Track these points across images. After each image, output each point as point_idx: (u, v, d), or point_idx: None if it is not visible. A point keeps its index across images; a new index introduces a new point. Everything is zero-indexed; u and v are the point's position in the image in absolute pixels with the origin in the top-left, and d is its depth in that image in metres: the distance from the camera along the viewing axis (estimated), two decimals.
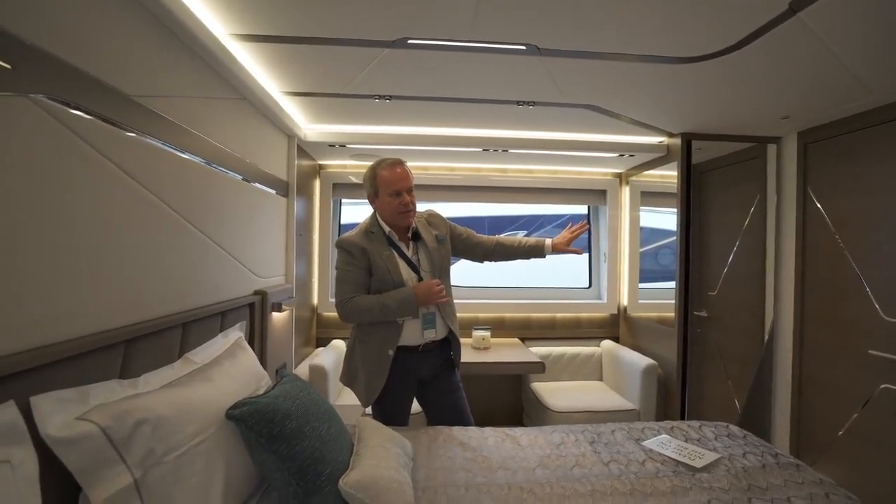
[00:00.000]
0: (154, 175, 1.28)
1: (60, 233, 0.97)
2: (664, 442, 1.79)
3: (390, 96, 2.15)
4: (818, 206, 2.41)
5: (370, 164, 1.86)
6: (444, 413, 1.96)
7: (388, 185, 1.79)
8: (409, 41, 1.61)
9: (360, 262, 1.80)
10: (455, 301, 2.00)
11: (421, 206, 1.94)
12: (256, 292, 2.04)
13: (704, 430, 1.92)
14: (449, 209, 3.75)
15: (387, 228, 1.85)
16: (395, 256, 1.83)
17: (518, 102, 2.21)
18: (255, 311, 1.99)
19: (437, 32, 1.54)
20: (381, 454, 1.39)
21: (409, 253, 1.87)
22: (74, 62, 0.99)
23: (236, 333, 1.75)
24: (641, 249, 3.43)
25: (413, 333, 1.84)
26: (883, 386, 2.04)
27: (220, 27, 1.52)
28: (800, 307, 2.49)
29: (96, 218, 1.07)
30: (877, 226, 2.11)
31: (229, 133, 1.82)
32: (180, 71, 1.45)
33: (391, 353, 1.80)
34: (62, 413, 0.88)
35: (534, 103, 2.21)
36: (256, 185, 2.10)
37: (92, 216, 1.06)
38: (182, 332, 1.42)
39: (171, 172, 1.38)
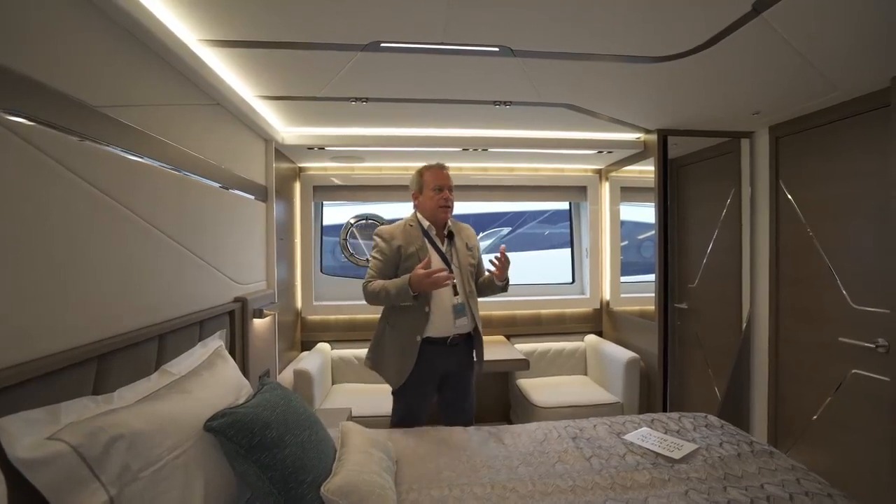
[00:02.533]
0: (124, 186, 1.26)
1: (25, 250, 0.95)
2: (645, 435, 1.83)
3: (367, 98, 2.14)
4: (789, 198, 2.47)
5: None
6: (454, 412, 2.10)
7: (432, 181, 2.02)
8: (382, 44, 1.60)
9: (388, 251, 1.99)
10: None
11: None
12: (236, 299, 2.03)
13: (684, 421, 1.97)
14: None
15: (426, 223, 2.05)
16: (427, 247, 2.01)
17: (495, 102, 2.22)
18: (235, 318, 1.97)
19: (408, 36, 1.54)
20: (363, 459, 1.40)
21: (443, 248, 2.05)
22: (34, 75, 0.97)
23: (216, 342, 1.73)
24: (625, 243, 3.47)
25: (442, 324, 1.97)
26: (853, 371, 2.10)
27: (189, 33, 1.49)
28: (774, 297, 2.56)
29: (62, 232, 1.05)
30: (843, 217, 2.17)
31: (204, 140, 1.79)
32: (150, 79, 1.43)
33: (419, 339, 1.94)
34: (31, 434, 0.87)
35: (510, 103, 2.22)
36: (234, 191, 2.08)
37: (57, 231, 1.04)
38: (158, 344, 1.40)
39: (142, 183, 1.36)
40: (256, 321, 2.17)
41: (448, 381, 2.06)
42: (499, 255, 2.00)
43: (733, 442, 1.75)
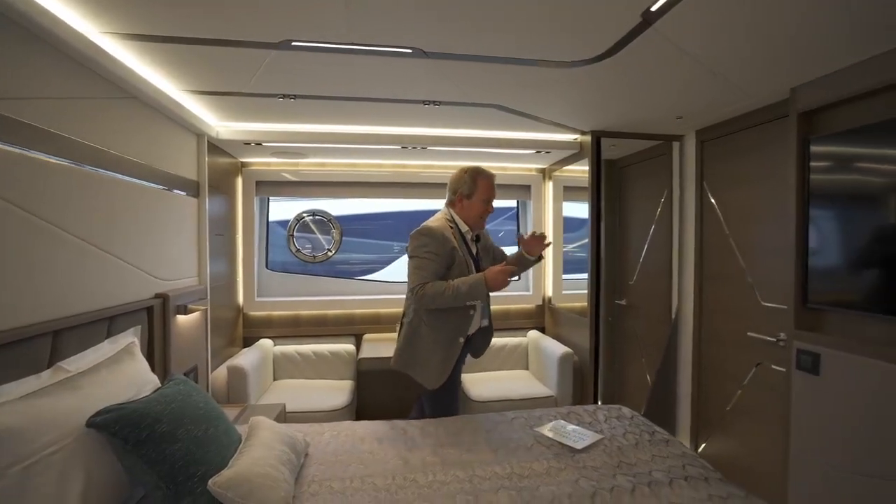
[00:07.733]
0: (10, 182, 1.24)
1: None
2: (556, 427, 1.90)
3: (294, 95, 2.14)
4: (712, 200, 2.59)
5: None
6: None
7: (485, 192, 2.03)
8: (293, 43, 1.61)
9: (441, 252, 1.92)
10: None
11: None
12: (157, 295, 2.01)
13: (598, 413, 2.05)
14: (377, 205, 3.77)
15: (464, 227, 2.07)
16: (467, 251, 2.07)
17: (424, 102, 2.25)
18: (154, 314, 1.95)
19: (315, 34, 1.55)
20: (263, 453, 1.41)
21: (474, 251, 2.12)
22: None
23: (128, 338, 1.72)
24: (579, 243, 3.54)
25: (476, 322, 2.05)
26: (759, 364, 2.23)
27: (87, 25, 1.47)
28: (698, 294, 2.68)
29: None
30: (755, 218, 2.30)
31: (119, 134, 1.77)
32: (45, 72, 1.40)
33: (461, 340, 1.99)
34: None
35: (439, 103, 2.26)
36: (157, 186, 2.05)
37: None
38: (53, 341, 1.38)
39: (34, 178, 1.34)
40: (181, 317, 2.15)
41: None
42: (538, 234, 2.11)
43: (636, 432, 1.84)
